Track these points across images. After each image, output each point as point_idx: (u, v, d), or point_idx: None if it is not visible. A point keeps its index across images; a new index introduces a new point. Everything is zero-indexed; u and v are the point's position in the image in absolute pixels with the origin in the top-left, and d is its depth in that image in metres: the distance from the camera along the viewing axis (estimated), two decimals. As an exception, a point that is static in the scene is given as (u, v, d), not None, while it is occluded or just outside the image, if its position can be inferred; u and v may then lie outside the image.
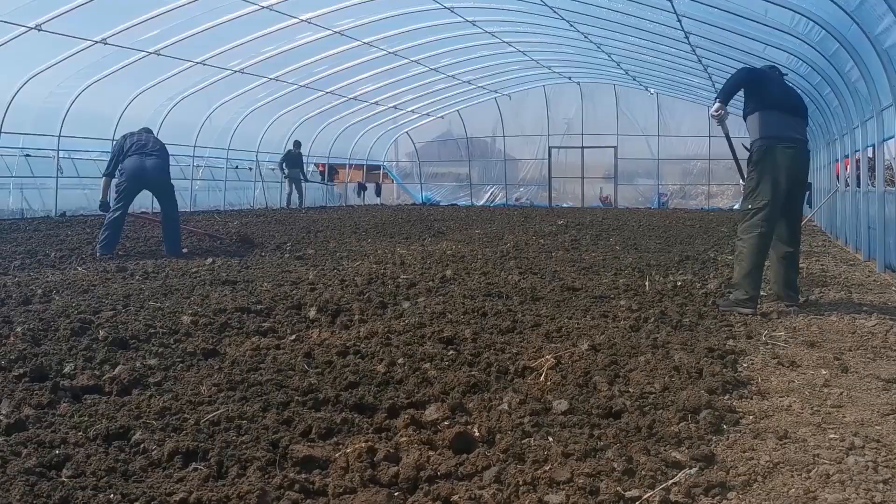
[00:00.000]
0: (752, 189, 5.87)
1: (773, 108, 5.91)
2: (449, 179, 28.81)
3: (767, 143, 5.82)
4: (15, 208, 16.11)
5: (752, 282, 5.75)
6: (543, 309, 5.80)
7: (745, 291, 5.74)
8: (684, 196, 25.61)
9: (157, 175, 9.41)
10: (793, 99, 6.19)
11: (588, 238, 12.42)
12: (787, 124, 5.92)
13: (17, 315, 5.10)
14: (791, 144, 5.86)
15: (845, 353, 4.58)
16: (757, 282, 5.81)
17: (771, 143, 5.81)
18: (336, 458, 2.74)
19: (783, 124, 5.89)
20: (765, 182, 5.79)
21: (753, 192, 5.84)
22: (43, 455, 2.70)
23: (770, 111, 5.90)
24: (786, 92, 6.17)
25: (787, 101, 6.04)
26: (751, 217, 5.84)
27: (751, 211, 5.85)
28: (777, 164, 5.79)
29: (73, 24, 12.94)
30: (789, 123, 5.94)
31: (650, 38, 15.43)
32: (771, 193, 5.77)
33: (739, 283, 5.81)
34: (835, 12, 8.63)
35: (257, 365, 4.03)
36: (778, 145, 5.80)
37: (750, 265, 5.76)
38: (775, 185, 5.78)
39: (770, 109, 5.90)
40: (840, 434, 3.11)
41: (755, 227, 5.80)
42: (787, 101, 6.02)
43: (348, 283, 6.92)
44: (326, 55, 17.95)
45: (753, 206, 5.83)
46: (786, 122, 5.92)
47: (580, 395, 3.54)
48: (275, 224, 15.19)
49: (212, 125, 19.92)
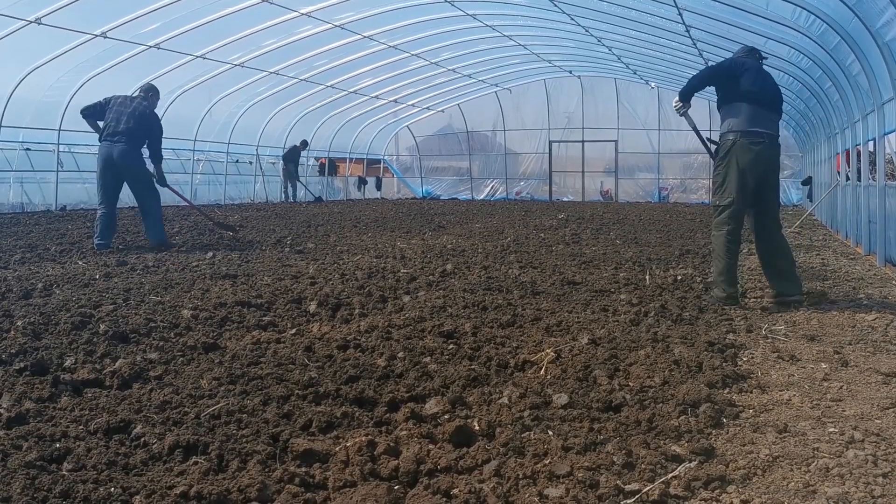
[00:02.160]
0: (718, 185, 5.82)
1: (743, 101, 5.71)
2: (449, 173, 28.80)
3: (734, 139, 5.68)
4: (15, 202, 16.09)
5: (728, 279, 5.76)
6: (544, 303, 5.80)
7: (723, 290, 5.76)
8: (685, 190, 25.58)
9: (123, 162, 8.88)
10: (767, 90, 5.89)
11: (588, 232, 12.42)
12: (757, 117, 5.70)
13: (17, 309, 5.11)
14: (759, 140, 5.67)
15: (845, 346, 4.58)
16: (732, 279, 5.79)
17: (737, 137, 5.67)
18: (336, 451, 2.75)
19: (752, 117, 5.68)
20: (730, 179, 5.70)
21: (720, 188, 5.78)
22: (44, 448, 2.70)
23: (739, 104, 5.72)
24: (759, 83, 5.84)
25: (759, 93, 5.77)
26: (718, 214, 5.82)
27: (718, 208, 5.82)
28: (743, 161, 5.66)
29: (73, 17, 12.93)
30: (759, 116, 5.71)
31: (651, 31, 15.40)
32: (737, 190, 5.67)
33: (716, 281, 5.85)
34: (836, 6, 8.60)
35: (258, 359, 4.04)
36: (744, 140, 5.64)
37: (723, 263, 5.75)
38: (741, 182, 5.67)
39: (739, 102, 5.72)
40: (840, 428, 3.11)
41: (723, 224, 5.76)
42: (758, 93, 5.76)
43: (349, 277, 6.92)
44: (327, 49, 17.92)
45: (720, 202, 5.78)
46: (755, 116, 5.69)
47: (580, 388, 3.54)
48: (275, 218, 15.18)
49: (212, 119, 19.92)
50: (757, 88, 5.77)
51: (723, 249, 5.75)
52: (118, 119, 8.90)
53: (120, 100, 9.10)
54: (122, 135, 8.85)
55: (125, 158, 8.88)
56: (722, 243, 5.75)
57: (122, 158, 8.86)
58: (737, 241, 5.84)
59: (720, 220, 5.80)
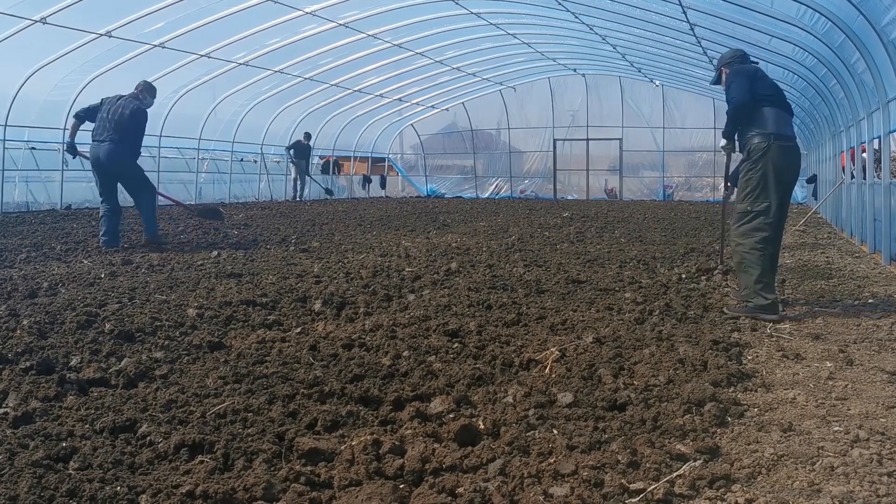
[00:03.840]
0: (751, 189, 5.41)
1: (765, 105, 5.49)
2: (454, 172, 28.79)
3: (768, 140, 5.40)
4: (20, 201, 16.12)
5: (766, 286, 5.35)
6: (548, 301, 5.81)
7: (764, 297, 5.31)
8: (689, 188, 25.55)
9: (109, 161, 8.85)
10: (781, 93, 5.76)
11: (593, 230, 12.41)
12: (781, 120, 5.52)
13: (23, 308, 5.12)
14: (789, 143, 5.51)
15: (850, 345, 4.57)
16: (771, 286, 5.43)
17: (770, 140, 5.39)
18: (341, 450, 2.75)
19: (778, 120, 5.49)
20: (767, 182, 5.35)
21: (753, 192, 5.40)
22: (50, 447, 2.71)
23: (762, 108, 5.48)
24: (773, 86, 5.71)
25: (776, 96, 5.63)
26: (750, 220, 5.42)
27: (749, 213, 5.42)
28: (780, 164, 5.39)
29: (78, 16, 12.96)
30: (783, 119, 5.54)
31: (655, 29, 15.38)
32: (774, 195, 5.36)
33: (753, 290, 5.37)
34: (841, 4, 8.58)
35: (263, 357, 4.05)
36: (778, 143, 5.40)
37: (759, 270, 5.34)
38: (778, 186, 5.37)
39: (762, 106, 5.49)
40: (845, 426, 3.11)
41: (758, 230, 5.38)
42: (776, 97, 5.61)
43: (353, 275, 6.93)
44: (331, 47, 17.93)
45: (753, 208, 5.40)
46: (780, 119, 5.51)
47: (585, 387, 3.55)
48: (279, 217, 15.20)
49: (216, 118, 19.94)
50: (773, 92, 5.63)
51: (756, 257, 5.36)
52: (105, 119, 8.88)
53: (110, 100, 9.06)
54: (109, 133, 8.83)
55: (110, 157, 8.85)
56: (755, 251, 5.37)
57: (108, 157, 8.85)
58: (775, 247, 5.50)
59: (753, 226, 5.40)
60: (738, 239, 5.50)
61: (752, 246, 5.39)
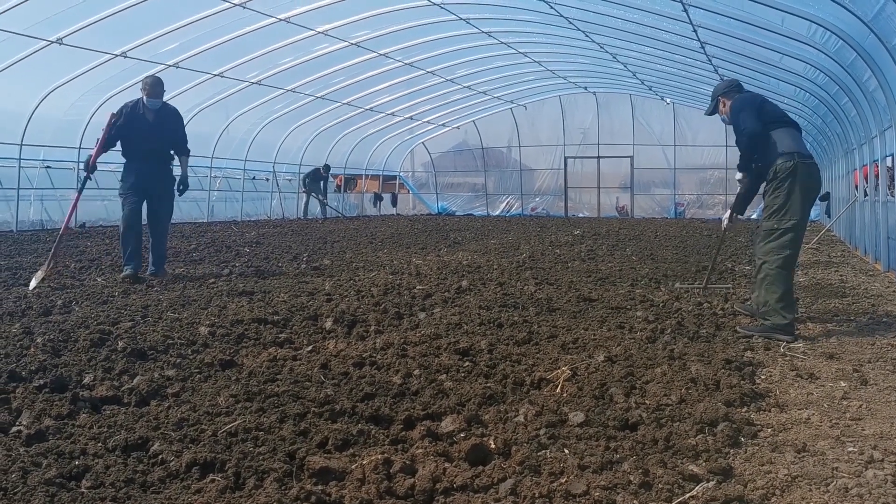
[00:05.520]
0: (778, 207, 5.41)
1: (779, 126, 5.55)
2: (464, 189, 28.88)
3: (792, 159, 5.40)
4: (35, 219, 16.28)
5: (788, 306, 5.33)
6: (560, 320, 5.79)
7: (783, 316, 5.28)
8: (701, 206, 25.51)
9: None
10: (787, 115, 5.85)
11: (604, 248, 12.39)
12: (798, 140, 5.58)
13: (37, 326, 5.16)
14: (810, 160, 5.53)
15: (864, 364, 4.54)
16: (792, 305, 5.41)
17: (795, 159, 5.40)
18: (352, 469, 2.75)
19: (796, 140, 5.55)
20: (794, 200, 5.36)
21: (780, 210, 5.40)
22: (63, 466, 2.72)
23: (777, 130, 5.52)
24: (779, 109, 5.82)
25: (786, 117, 5.71)
26: (777, 237, 5.41)
27: (776, 231, 5.41)
28: (807, 182, 5.43)
29: (94, 37, 13.12)
30: (799, 139, 5.61)
31: (666, 48, 15.42)
32: (801, 212, 5.38)
33: (773, 308, 5.34)
34: (852, 22, 8.58)
35: (274, 376, 4.05)
36: (804, 161, 5.42)
37: (782, 289, 5.33)
38: (805, 203, 5.40)
39: (777, 128, 5.53)
40: (859, 447, 3.08)
41: (783, 247, 5.38)
42: (786, 118, 5.70)
43: (364, 293, 6.94)
44: (343, 66, 18.08)
45: (780, 225, 5.40)
46: (797, 138, 5.58)
47: (596, 406, 3.53)
48: (291, 235, 15.26)
49: (229, 136, 20.11)
50: (781, 114, 5.72)
51: (780, 275, 5.36)
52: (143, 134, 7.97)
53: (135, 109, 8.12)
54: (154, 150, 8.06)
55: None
56: (781, 269, 5.37)
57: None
58: (794, 265, 5.56)
59: (779, 244, 5.40)
60: (765, 256, 5.48)
61: (778, 264, 5.39)
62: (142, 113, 8.10)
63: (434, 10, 14.98)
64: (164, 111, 8.30)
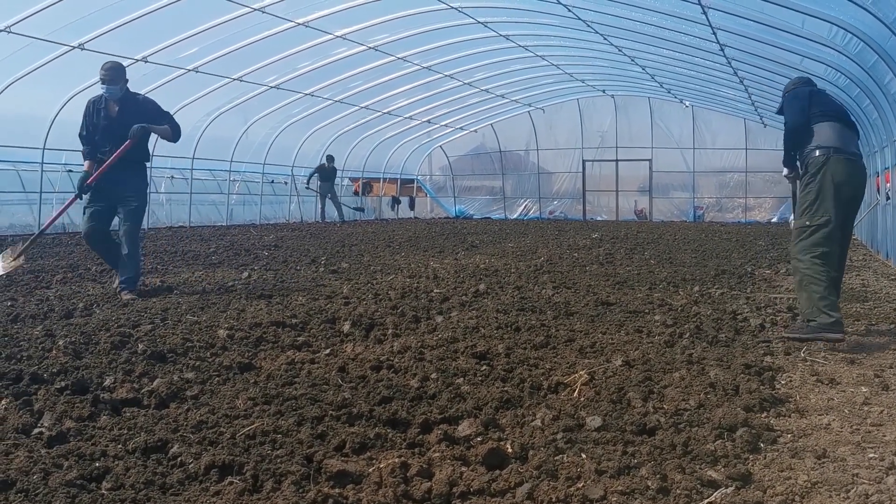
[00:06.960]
0: (809, 203, 5.23)
1: (825, 120, 5.35)
2: (482, 193, 28.85)
3: (826, 153, 5.21)
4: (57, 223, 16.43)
5: (831, 304, 5.05)
6: (577, 324, 5.78)
7: (829, 315, 5.00)
8: (720, 209, 25.32)
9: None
10: (844, 111, 5.64)
11: (622, 252, 12.34)
12: (844, 136, 5.37)
13: (59, 328, 5.22)
14: (851, 156, 5.33)
15: (886, 370, 4.49)
16: (836, 304, 5.16)
17: (829, 153, 5.23)
18: (369, 472, 2.76)
19: (840, 135, 5.34)
20: (825, 195, 5.17)
21: (811, 206, 5.21)
22: (83, 467, 2.75)
23: (821, 124, 5.34)
24: (833, 104, 5.63)
25: (837, 112, 5.51)
26: (809, 235, 5.20)
27: (808, 228, 5.21)
28: (839, 176, 5.19)
29: (115, 42, 13.26)
30: (846, 135, 5.39)
31: (685, 50, 15.35)
32: (833, 208, 5.15)
33: (816, 307, 5.06)
34: (873, 24, 8.51)
35: (292, 379, 4.07)
36: (838, 155, 5.24)
37: (821, 288, 5.06)
38: (837, 199, 5.18)
39: (821, 122, 5.35)
40: (880, 453, 3.05)
41: (815, 246, 5.16)
42: (837, 113, 5.50)
43: (382, 297, 6.96)
44: (361, 70, 18.15)
45: (812, 222, 5.19)
46: (842, 134, 5.36)
47: (614, 411, 3.52)
48: (310, 238, 15.33)
49: (248, 140, 20.25)
50: (833, 109, 5.52)
51: (817, 274, 5.10)
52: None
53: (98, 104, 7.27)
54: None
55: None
56: (816, 266, 5.13)
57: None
58: (833, 263, 5.24)
59: (811, 241, 5.19)
60: (798, 255, 5.27)
61: (811, 262, 5.16)
62: (104, 107, 7.12)
63: (452, 14, 15.00)
64: (131, 103, 7.16)
